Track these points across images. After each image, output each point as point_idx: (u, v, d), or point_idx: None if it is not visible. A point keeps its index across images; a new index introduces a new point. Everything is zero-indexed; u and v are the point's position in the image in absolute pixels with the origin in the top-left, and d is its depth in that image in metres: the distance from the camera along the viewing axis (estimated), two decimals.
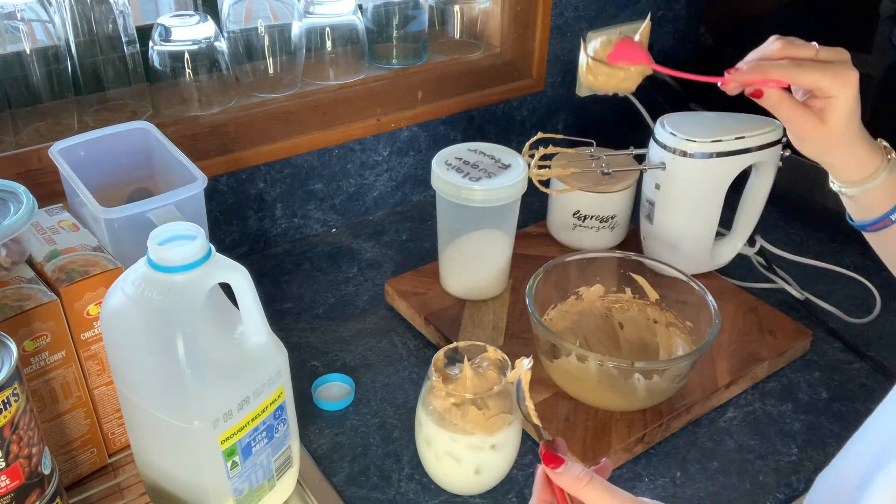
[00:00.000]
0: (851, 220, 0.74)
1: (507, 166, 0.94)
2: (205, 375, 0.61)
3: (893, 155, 0.71)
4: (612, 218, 1.07)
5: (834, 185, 0.72)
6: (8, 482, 0.58)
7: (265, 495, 0.71)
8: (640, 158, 1.03)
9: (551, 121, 1.35)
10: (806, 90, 0.68)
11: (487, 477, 0.76)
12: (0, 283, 0.68)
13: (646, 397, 0.82)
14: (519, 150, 0.99)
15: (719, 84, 0.70)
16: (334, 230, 1.19)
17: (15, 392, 0.57)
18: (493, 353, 0.75)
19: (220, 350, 0.64)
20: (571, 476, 0.55)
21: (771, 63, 0.67)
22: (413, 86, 1.18)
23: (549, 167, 1.05)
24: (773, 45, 0.68)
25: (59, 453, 0.73)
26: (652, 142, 1.00)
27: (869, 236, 0.74)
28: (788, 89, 0.69)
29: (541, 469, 0.58)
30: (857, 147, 0.69)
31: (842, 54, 0.67)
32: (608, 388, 0.81)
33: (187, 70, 1.01)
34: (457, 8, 1.25)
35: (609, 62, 0.75)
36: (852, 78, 0.66)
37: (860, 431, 0.64)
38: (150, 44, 1.00)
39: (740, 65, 0.69)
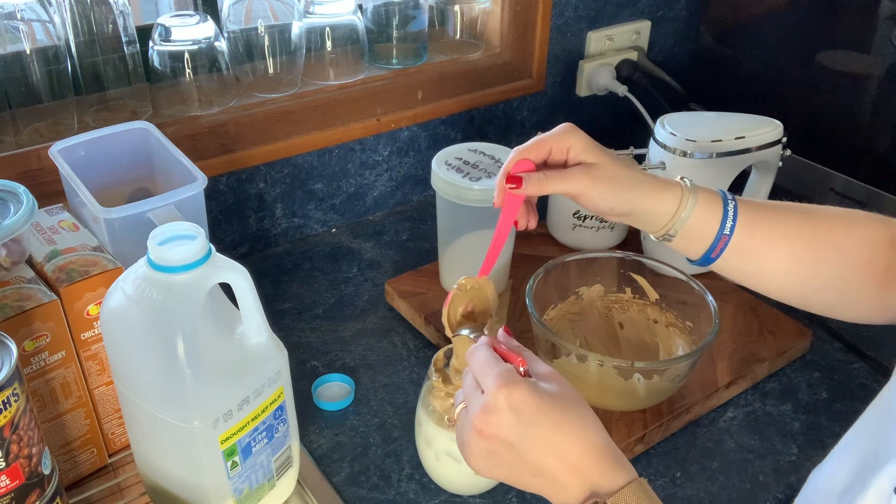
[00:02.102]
0: (692, 261, 0.71)
1: None
2: (205, 375, 0.61)
3: (685, 179, 0.69)
4: None
5: (655, 238, 0.71)
6: (8, 482, 0.58)
7: (265, 495, 0.71)
8: (640, 158, 1.03)
9: (551, 121, 1.35)
10: (549, 160, 0.69)
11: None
12: (0, 283, 0.68)
13: (646, 397, 0.82)
14: None
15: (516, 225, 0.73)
16: (334, 230, 1.19)
17: (15, 392, 0.57)
18: None
19: (220, 350, 0.64)
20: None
21: (504, 168, 0.69)
22: (413, 86, 1.18)
23: None
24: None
25: (59, 453, 0.73)
26: (652, 142, 1.00)
27: (718, 266, 0.70)
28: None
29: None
30: (650, 179, 0.68)
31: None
32: (608, 388, 0.81)
33: (187, 70, 1.01)
34: (457, 8, 1.24)
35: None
36: (567, 127, 0.68)
37: (848, 435, 0.64)
38: (150, 44, 1.00)
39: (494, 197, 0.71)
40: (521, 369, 0.59)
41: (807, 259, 0.68)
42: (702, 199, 0.67)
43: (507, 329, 0.64)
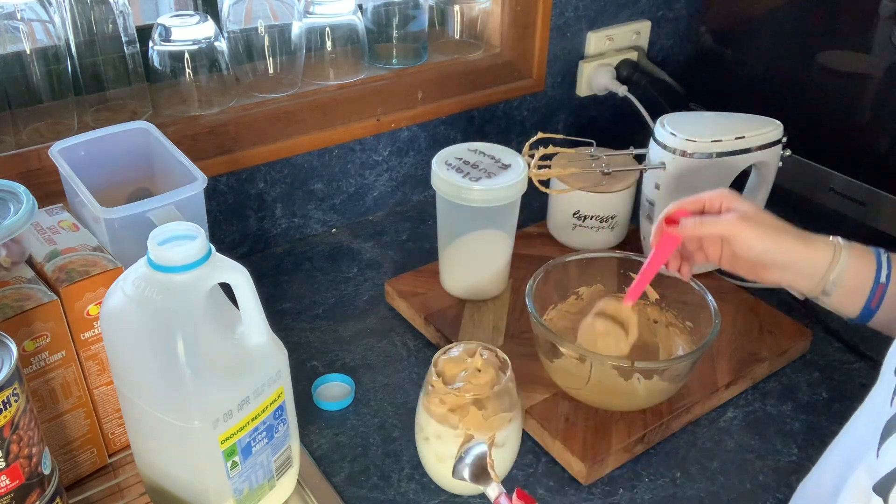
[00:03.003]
0: (854, 320, 0.72)
1: (507, 166, 0.94)
2: (205, 375, 0.61)
3: (837, 238, 0.71)
4: (612, 218, 1.07)
5: (811, 296, 0.72)
6: (8, 482, 0.58)
7: (265, 495, 0.71)
8: (640, 158, 1.03)
9: (551, 121, 1.35)
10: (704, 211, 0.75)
11: None
12: (0, 283, 0.68)
13: (646, 397, 0.82)
14: (519, 150, 0.99)
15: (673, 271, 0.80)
16: (334, 230, 1.19)
17: (15, 392, 0.57)
18: (493, 353, 0.75)
19: (220, 350, 0.64)
20: None
21: (663, 214, 0.76)
22: (413, 86, 1.18)
23: (549, 167, 1.05)
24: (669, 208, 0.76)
25: (59, 453, 0.73)
26: (652, 142, 1.00)
27: (878, 321, 0.71)
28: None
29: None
30: (800, 231, 0.71)
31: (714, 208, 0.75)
32: (608, 388, 0.81)
33: (187, 70, 1.01)
34: (457, 8, 1.25)
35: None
36: (726, 190, 0.73)
37: (837, 438, 0.65)
38: (150, 44, 1.00)
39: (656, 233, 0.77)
40: None
41: None
42: (854, 248, 0.70)
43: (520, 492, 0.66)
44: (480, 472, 0.69)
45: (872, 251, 0.70)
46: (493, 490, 0.68)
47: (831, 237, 0.72)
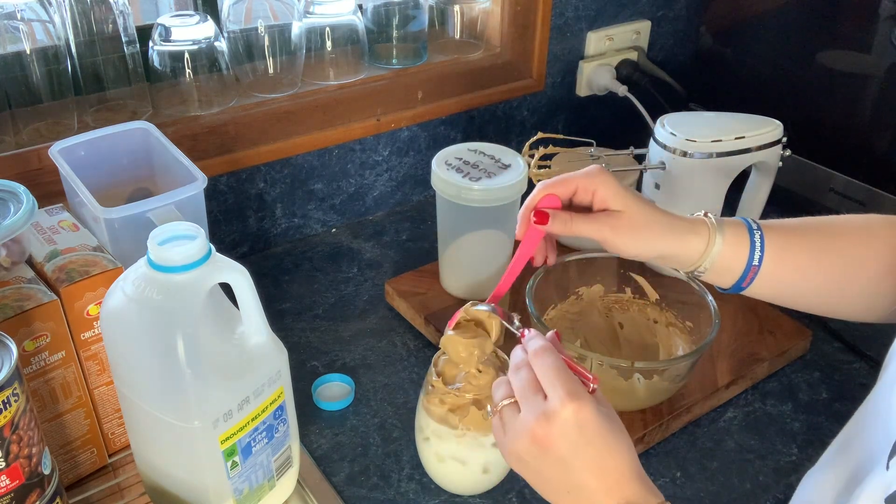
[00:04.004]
0: (724, 290, 0.72)
1: (507, 166, 0.94)
2: (205, 375, 0.61)
3: (710, 216, 0.70)
4: None
5: (686, 274, 0.72)
6: (8, 482, 0.58)
7: (265, 495, 0.71)
8: (640, 158, 1.03)
9: (551, 121, 1.36)
10: (575, 200, 0.70)
11: (495, 474, 0.76)
12: (0, 283, 0.68)
13: (646, 397, 0.82)
14: (519, 150, 0.99)
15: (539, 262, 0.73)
16: (334, 230, 1.19)
17: (15, 392, 0.57)
18: (493, 353, 0.75)
19: (221, 350, 0.64)
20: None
21: (529, 201, 0.69)
22: (413, 86, 1.18)
23: (549, 167, 1.05)
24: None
25: (59, 453, 0.73)
26: (652, 142, 1.00)
27: (748, 292, 0.72)
28: None
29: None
30: (677, 223, 0.69)
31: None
32: (608, 388, 0.81)
33: (187, 70, 1.01)
34: (457, 8, 1.24)
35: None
36: (596, 169, 0.68)
37: (835, 444, 0.65)
38: (150, 44, 1.00)
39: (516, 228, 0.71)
40: (592, 387, 0.59)
41: (835, 277, 0.69)
42: (728, 234, 0.68)
43: (557, 334, 0.65)
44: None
45: (748, 233, 0.69)
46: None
47: (707, 218, 0.70)
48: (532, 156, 1.03)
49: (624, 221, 0.67)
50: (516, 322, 0.68)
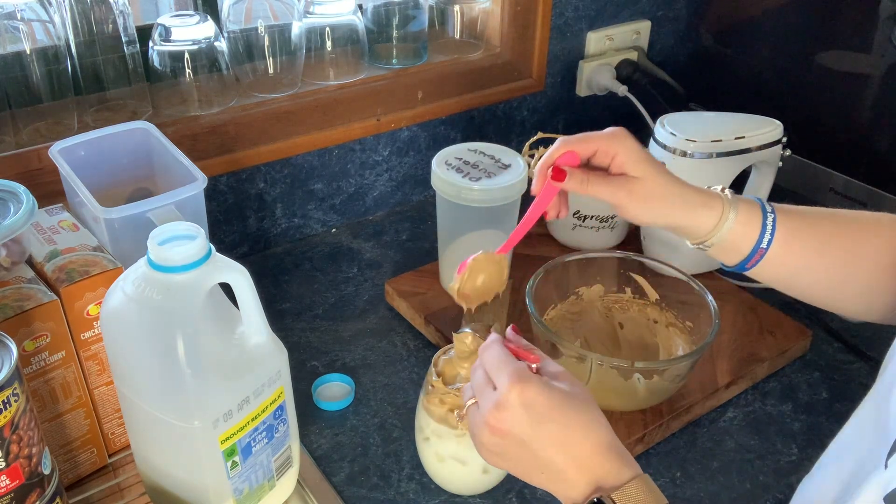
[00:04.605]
0: (728, 267, 0.72)
1: (507, 166, 0.94)
2: (205, 375, 0.61)
3: (728, 191, 0.70)
4: (612, 218, 1.07)
5: (693, 246, 0.71)
6: (8, 482, 0.58)
7: (265, 495, 0.71)
8: None
9: (551, 121, 1.36)
10: (593, 161, 0.69)
11: (495, 474, 0.76)
12: (0, 283, 0.68)
13: (646, 397, 0.82)
14: (519, 150, 0.99)
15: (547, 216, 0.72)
16: (334, 230, 1.19)
17: (15, 392, 0.57)
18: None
19: (220, 350, 0.64)
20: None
21: (549, 156, 0.69)
22: (413, 86, 1.18)
23: None
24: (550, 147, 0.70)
25: (59, 453, 0.73)
26: (652, 142, 1.00)
27: (751, 273, 0.72)
28: None
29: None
30: (692, 195, 0.69)
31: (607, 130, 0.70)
32: (608, 388, 0.81)
33: (187, 70, 1.01)
34: (457, 8, 1.24)
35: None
36: (619, 132, 0.68)
37: (834, 445, 0.65)
38: (150, 44, 1.00)
39: (533, 181, 0.70)
40: (534, 366, 0.60)
41: (838, 269, 0.69)
42: (742, 212, 0.68)
43: (514, 327, 0.65)
44: None
45: (760, 214, 0.69)
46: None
47: (723, 193, 0.69)
48: (532, 156, 1.03)
49: (640, 189, 0.67)
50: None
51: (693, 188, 0.69)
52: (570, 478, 0.56)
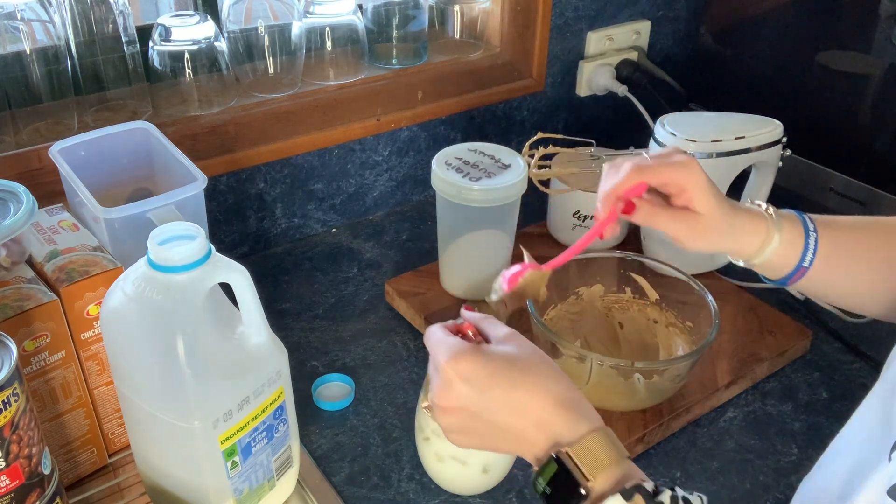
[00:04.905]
0: (769, 280, 0.73)
1: (507, 166, 0.94)
2: (205, 375, 0.61)
3: (771, 209, 0.70)
4: None
5: (740, 263, 0.72)
6: (8, 482, 0.58)
7: (265, 495, 0.71)
8: None
9: (551, 121, 1.35)
10: (660, 189, 0.69)
11: (495, 474, 0.76)
12: (0, 283, 0.68)
13: (646, 397, 0.82)
14: (519, 150, 0.99)
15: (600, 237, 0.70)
16: (334, 230, 1.19)
17: (15, 392, 0.57)
18: None
19: (220, 350, 0.64)
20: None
21: (620, 185, 0.67)
22: (413, 86, 1.18)
23: (549, 167, 1.05)
24: (609, 171, 0.69)
25: (59, 453, 0.73)
26: (652, 142, 1.00)
27: (795, 287, 0.73)
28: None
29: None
30: (740, 221, 0.69)
31: (671, 150, 0.69)
32: (608, 388, 0.81)
33: (187, 70, 1.01)
34: (457, 8, 1.25)
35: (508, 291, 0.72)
36: (691, 164, 0.67)
37: (835, 443, 0.65)
38: (150, 44, 1.00)
39: (598, 205, 0.69)
40: (470, 332, 0.60)
41: (877, 278, 0.70)
42: (785, 232, 0.69)
43: (467, 306, 0.65)
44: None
45: (803, 234, 0.69)
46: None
47: (767, 214, 0.70)
48: (532, 156, 1.03)
49: (701, 224, 0.68)
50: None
51: (742, 211, 0.70)
52: (531, 437, 0.56)
